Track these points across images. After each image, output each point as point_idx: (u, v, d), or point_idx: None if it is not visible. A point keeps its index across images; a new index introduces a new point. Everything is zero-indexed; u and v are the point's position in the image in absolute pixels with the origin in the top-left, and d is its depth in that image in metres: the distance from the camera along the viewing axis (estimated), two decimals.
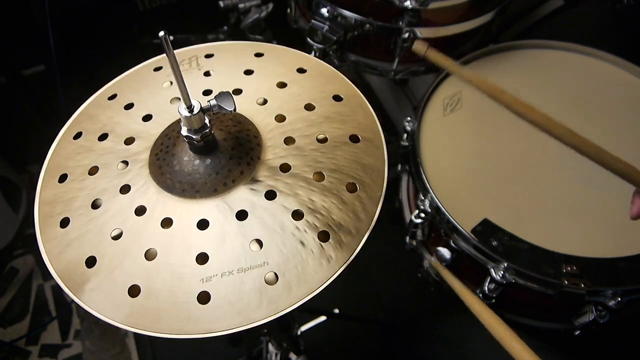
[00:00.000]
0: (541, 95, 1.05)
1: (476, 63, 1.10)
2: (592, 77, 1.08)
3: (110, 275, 0.49)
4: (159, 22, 1.52)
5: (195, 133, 0.51)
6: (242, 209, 0.51)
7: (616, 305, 0.78)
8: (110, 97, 0.63)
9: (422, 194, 0.93)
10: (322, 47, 1.05)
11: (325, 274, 0.48)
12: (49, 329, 1.51)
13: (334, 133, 0.57)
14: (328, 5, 1.05)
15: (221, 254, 0.49)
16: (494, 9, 1.06)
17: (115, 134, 0.59)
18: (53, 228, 0.52)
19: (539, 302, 0.90)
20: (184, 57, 0.66)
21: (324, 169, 0.54)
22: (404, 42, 1.04)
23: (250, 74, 0.64)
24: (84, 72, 1.51)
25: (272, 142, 0.57)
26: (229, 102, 0.50)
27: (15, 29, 1.46)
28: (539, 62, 1.11)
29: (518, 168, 0.95)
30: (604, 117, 1.01)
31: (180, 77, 0.46)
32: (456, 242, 0.88)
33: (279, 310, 0.46)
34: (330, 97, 0.61)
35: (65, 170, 0.56)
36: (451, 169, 0.95)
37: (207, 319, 0.46)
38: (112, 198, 0.53)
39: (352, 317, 1.47)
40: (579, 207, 0.89)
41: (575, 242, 0.83)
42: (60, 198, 0.54)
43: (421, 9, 0.98)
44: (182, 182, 0.53)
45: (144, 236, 0.51)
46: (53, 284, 1.60)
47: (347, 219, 0.51)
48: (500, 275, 0.82)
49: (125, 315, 0.47)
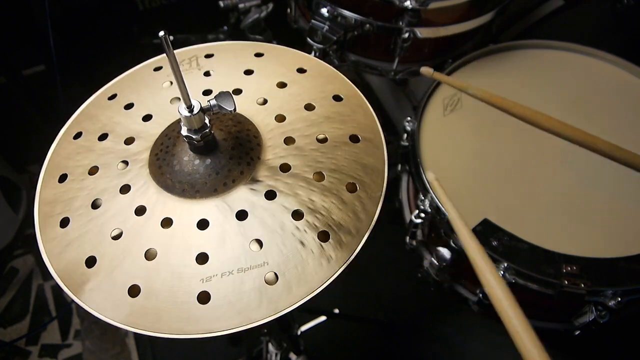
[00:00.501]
0: (541, 95, 1.05)
1: (476, 63, 1.10)
2: (592, 77, 1.08)
3: (110, 275, 0.49)
4: (159, 22, 1.52)
5: (195, 133, 0.51)
6: (242, 209, 0.51)
7: (616, 305, 0.78)
8: (110, 97, 0.63)
9: (422, 194, 0.93)
10: (322, 47, 1.05)
11: (325, 274, 0.48)
12: (49, 329, 1.51)
13: (334, 133, 0.57)
14: (328, 5, 1.05)
15: (221, 254, 0.49)
16: (494, 9, 1.06)
17: (115, 134, 0.59)
18: (53, 228, 0.52)
19: (539, 302, 0.90)
20: (183, 57, 0.66)
21: (324, 169, 0.54)
22: (404, 42, 1.04)
23: (250, 74, 0.64)
24: (84, 72, 1.51)
25: (272, 142, 0.57)
26: (229, 102, 0.50)
27: (15, 29, 1.46)
28: (539, 62, 1.11)
29: (518, 168, 0.95)
30: (604, 117, 1.01)
31: (180, 77, 0.46)
32: (456, 242, 0.88)
33: (279, 310, 0.46)
34: (330, 97, 0.61)
35: (65, 170, 0.57)
36: (451, 169, 0.95)
37: (207, 319, 0.46)
38: (112, 198, 0.53)
39: (352, 317, 1.47)
40: (579, 207, 0.89)
41: (575, 242, 0.83)
42: (60, 198, 0.54)
43: (421, 9, 0.98)
44: (182, 182, 0.53)
45: (144, 236, 0.51)
46: (53, 284, 1.60)
47: (347, 219, 0.51)
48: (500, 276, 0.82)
49: (125, 315, 0.47)
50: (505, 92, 0.66)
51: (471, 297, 0.98)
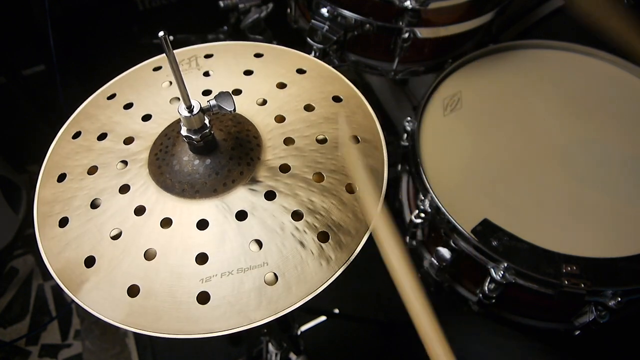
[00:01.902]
0: (541, 95, 1.05)
1: (476, 63, 1.10)
2: (592, 77, 1.08)
3: (109, 275, 0.49)
4: (159, 22, 1.52)
5: (195, 133, 0.51)
6: (242, 209, 0.51)
7: (616, 305, 0.78)
8: (110, 97, 0.63)
9: (422, 194, 0.93)
10: (322, 47, 1.05)
11: (324, 275, 0.48)
12: (49, 329, 1.51)
13: (334, 134, 0.57)
14: (328, 5, 1.05)
15: (221, 254, 0.49)
16: (494, 9, 1.06)
17: (114, 133, 0.59)
18: (52, 227, 0.52)
19: (539, 302, 0.90)
20: (183, 57, 0.66)
21: (324, 169, 0.54)
22: (404, 42, 1.04)
23: (250, 74, 0.64)
24: (84, 72, 1.51)
25: (272, 142, 0.57)
26: (228, 102, 0.50)
27: (15, 29, 1.46)
28: (539, 62, 1.11)
29: (518, 168, 0.95)
30: (604, 117, 1.01)
31: (180, 77, 0.46)
32: (456, 242, 0.88)
33: (278, 310, 0.46)
34: (329, 97, 0.61)
35: (64, 169, 0.56)
36: (451, 169, 0.95)
37: (207, 319, 0.46)
38: (112, 198, 0.53)
39: (352, 317, 1.47)
40: (579, 207, 0.89)
41: (575, 242, 0.83)
42: (59, 197, 0.54)
43: (421, 9, 0.98)
44: (182, 182, 0.53)
45: (144, 236, 0.51)
46: (53, 284, 1.60)
47: (346, 219, 0.51)
48: (500, 275, 0.82)
49: (125, 315, 0.47)
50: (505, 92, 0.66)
51: (471, 297, 0.98)
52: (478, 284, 0.91)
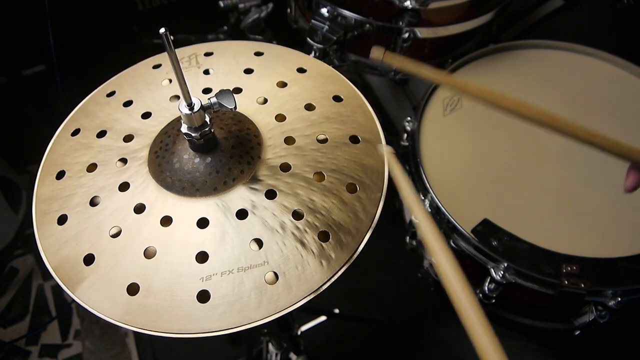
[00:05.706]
0: (541, 95, 1.05)
1: (476, 63, 1.10)
2: (592, 77, 1.08)
3: (108, 273, 0.48)
4: (159, 22, 1.51)
5: (195, 131, 0.50)
6: (242, 208, 0.51)
7: (616, 305, 0.78)
8: (109, 94, 0.63)
9: (422, 194, 0.93)
10: (322, 47, 1.05)
11: (325, 274, 0.48)
12: (49, 329, 1.51)
13: (334, 133, 0.57)
14: (328, 5, 1.05)
15: (221, 252, 0.49)
16: (494, 9, 1.06)
17: (114, 131, 0.59)
18: (50, 225, 0.52)
19: (539, 302, 0.90)
20: (183, 55, 0.66)
21: (324, 169, 0.54)
22: (404, 42, 1.04)
23: (250, 73, 0.64)
24: (84, 72, 1.50)
25: (273, 141, 0.56)
26: (229, 100, 0.50)
27: (15, 29, 1.46)
28: (539, 62, 1.11)
29: (518, 168, 0.95)
30: (604, 117, 1.01)
31: (180, 74, 0.46)
32: (456, 242, 0.88)
33: (278, 309, 0.46)
34: (330, 97, 0.60)
35: (63, 167, 0.56)
36: (451, 169, 0.95)
37: (207, 318, 0.46)
38: (111, 195, 0.53)
39: (352, 317, 1.47)
40: (578, 207, 0.89)
41: (575, 242, 0.83)
42: (57, 195, 0.54)
43: (421, 9, 0.98)
44: (182, 180, 0.53)
45: (143, 234, 0.50)
46: (53, 284, 1.59)
47: (347, 219, 0.51)
48: (500, 275, 0.82)
49: (124, 313, 0.46)
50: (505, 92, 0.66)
51: None
52: (478, 284, 0.91)
